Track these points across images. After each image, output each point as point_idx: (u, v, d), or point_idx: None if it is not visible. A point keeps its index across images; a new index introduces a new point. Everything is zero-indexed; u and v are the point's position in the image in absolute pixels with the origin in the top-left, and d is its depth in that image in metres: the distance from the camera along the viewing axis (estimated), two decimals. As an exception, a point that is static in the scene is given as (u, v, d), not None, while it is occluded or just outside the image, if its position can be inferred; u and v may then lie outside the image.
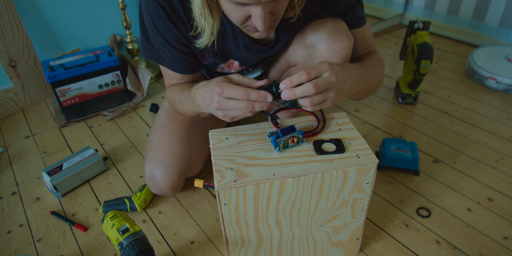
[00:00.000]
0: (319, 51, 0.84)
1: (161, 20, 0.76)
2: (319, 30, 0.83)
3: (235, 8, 0.63)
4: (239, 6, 0.63)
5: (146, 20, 0.79)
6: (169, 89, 0.92)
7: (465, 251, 0.87)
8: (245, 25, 0.69)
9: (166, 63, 0.86)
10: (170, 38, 0.80)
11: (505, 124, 1.30)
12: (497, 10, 1.75)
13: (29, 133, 1.34)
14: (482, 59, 1.56)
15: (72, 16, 1.52)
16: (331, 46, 0.82)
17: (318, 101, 0.65)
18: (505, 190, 1.03)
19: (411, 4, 2.07)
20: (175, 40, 0.80)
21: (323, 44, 0.82)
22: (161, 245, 0.92)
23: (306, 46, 0.86)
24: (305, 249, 0.78)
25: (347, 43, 0.83)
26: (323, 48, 0.83)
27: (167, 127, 0.97)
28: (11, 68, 1.38)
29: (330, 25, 0.83)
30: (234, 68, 0.93)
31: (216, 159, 0.67)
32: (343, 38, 0.82)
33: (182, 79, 0.91)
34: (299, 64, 0.92)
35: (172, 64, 0.86)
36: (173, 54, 0.83)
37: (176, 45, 0.81)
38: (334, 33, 0.82)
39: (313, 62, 0.87)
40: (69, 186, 1.07)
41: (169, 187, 0.94)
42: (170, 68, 0.87)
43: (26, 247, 0.93)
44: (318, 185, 0.65)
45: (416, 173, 1.08)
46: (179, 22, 0.77)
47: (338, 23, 0.84)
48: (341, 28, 0.83)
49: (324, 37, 0.82)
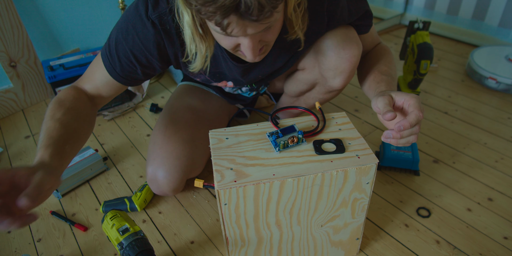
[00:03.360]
0: (328, 58, 0.84)
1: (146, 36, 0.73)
2: (330, 37, 0.83)
3: (224, 37, 0.63)
4: (228, 36, 0.61)
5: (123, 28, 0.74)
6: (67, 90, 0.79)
7: (465, 251, 0.87)
8: (236, 50, 0.68)
9: (108, 64, 0.78)
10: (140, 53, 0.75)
11: (505, 124, 1.30)
12: (497, 10, 1.75)
13: (29, 133, 1.34)
14: (482, 59, 1.56)
15: (72, 16, 1.52)
16: (341, 53, 0.83)
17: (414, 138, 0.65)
18: (505, 190, 1.03)
19: (411, 4, 2.07)
20: (145, 57, 0.76)
21: (333, 51, 0.83)
22: (161, 245, 0.92)
23: (315, 52, 0.87)
24: (305, 249, 0.78)
25: (357, 51, 0.83)
26: (332, 55, 0.83)
27: (171, 128, 0.96)
28: (11, 68, 1.38)
29: (341, 33, 0.83)
30: (228, 86, 0.94)
31: (216, 159, 0.67)
32: (353, 46, 0.83)
33: (99, 87, 0.81)
34: (307, 69, 0.93)
35: (115, 69, 0.78)
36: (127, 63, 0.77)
37: (142, 60, 0.77)
38: (344, 41, 0.82)
39: (321, 68, 0.88)
40: (69, 186, 1.07)
41: (171, 188, 0.94)
42: (108, 69, 0.78)
43: (26, 247, 0.93)
44: (318, 185, 0.65)
45: (416, 173, 1.08)
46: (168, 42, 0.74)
47: (349, 31, 0.84)
48: (351, 36, 0.84)
49: (334, 44, 0.83)
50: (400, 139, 0.64)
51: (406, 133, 0.63)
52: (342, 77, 0.87)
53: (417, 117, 0.62)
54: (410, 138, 0.64)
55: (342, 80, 0.88)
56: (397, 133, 0.63)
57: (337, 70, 0.85)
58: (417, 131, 0.63)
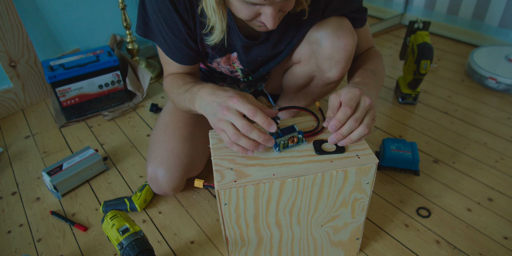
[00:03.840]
0: (324, 47, 0.84)
1: (165, 7, 0.75)
2: (324, 26, 0.83)
3: (246, 6, 0.63)
4: (250, 5, 0.63)
5: (149, 5, 0.78)
6: (168, 77, 0.90)
7: (465, 251, 0.87)
8: (252, 21, 0.69)
9: (165, 49, 0.85)
10: (173, 26, 0.79)
11: (505, 124, 1.30)
12: (497, 10, 1.75)
13: (29, 133, 1.34)
14: (482, 59, 1.56)
15: (72, 16, 1.52)
16: (335, 42, 0.82)
17: (368, 125, 0.66)
18: (505, 190, 1.03)
19: (411, 4, 2.07)
20: (178, 29, 0.79)
21: (328, 40, 0.82)
22: (161, 245, 0.92)
23: (310, 43, 0.86)
24: (305, 249, 0.78)
25: (352, 40, 0.83)
26: (327, 44, 0.83)
27: (171, 126, 0.96)
28: (11, 68, 1.38)
29: (334, 22, 0.83)
30: (230, 62, 0.93)
31: (216, 159, 0.67)
32: (347, 35, 0.82)
33: (180, 69, 0.89)
34: (303, 61, 0.92)
35: (171, 52, 0.84)
36: (173, 42, 0.82)
37: (178, 34, 0.80)
38: (338, 30, 0.82)
39: (317, 59, 0.87)
40: (69, 186, 1.07)
41: (171, 187, 0.94)
42: (169, 55, 0.85)
43: (26, 247, 0.93)
44: (318, 185, 0.65)
45: (416, 173, 1.08)
46: (183, 12, 0.76)
47: (343, 21, 0.84)
48: (346, 25, 0.83)
49: (329, 33, 0.82)
50: (345, 138, 0.66)
51: (345, 131, 0.65)
52: (338, 67, 0.86)
53: (343, 113, 0.64)
54: (355, 133, 0.65)
55: (338, 71, 0.87)
56: (336, 134, 0.65)
57: (332, 60, 0.85)
58: (356, 125, 0.64)
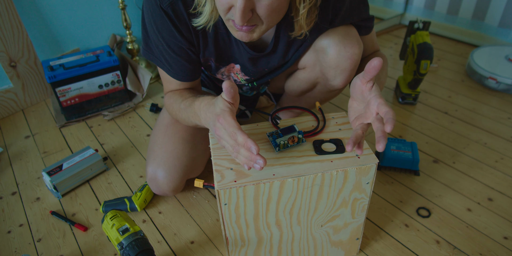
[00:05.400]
0: (330, 56, 0.84)
1: (165, 26, 0.76)
2: (330, 35, 0.83)
3: None
4: None
5: (149, 25, 0.79)
6: (168, 95, 0.91)
7: (465, 251, 0.87)
8: (227, 18, 0.67)
9: (166, 69, 0.86)
10: (174, 44, 0.79)
11: (505, 124, 1.30)
12: (497, 10, 1.75)
13: (29, 133, 1.34)
14: (482, 59, 1.56)
15: (72, 16, 1.52)
16: (342, 51, 0.83)
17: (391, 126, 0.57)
18: (505, 190, 1.03)
19: (411, 4, 2.07)
20: (178, 46, 0.80)
21: (334, 49, 0.83)
22: (161, 245, 0.92)
23: (316, 50, 0.87)
24: (305, 249, 0.78)
25: (358, 50, 0.83)
26: (333, 53, 0.83)
27: (171, 128, 0.96)
28: (11, 68, 1.38)
29: (341, 31, 0.83)
30: (234, 72, 0.93)
31: (216, 159, 0.67)
32: (354, 44, 0.83)
33: (181, 86, 0.90)
34: (308, 68, 0.93)
35: (172, 71, 0.85)
36: (174, 61, 0.83)
37: (178, 52, 0.81)
38: (345, 39, 0.82)
39: (322, 66, 0.88)
40: (69, 186, 1.07)
41: (171, 188, 0.94)
42: (170, 74, 0.86)
43: (26, 247, 0.93)
44: (318, 185, 0.65)
45: (416, 173, 1.08)
46: (184, 28, 0.77)
47: (350, 29, 0.84)
48: (353, 35, 0.84)
49: (335, 42, 0.82)
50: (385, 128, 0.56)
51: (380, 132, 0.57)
52: (343, 76, 0.87)
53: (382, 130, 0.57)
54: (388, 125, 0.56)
55: (343, 80, 0.88)
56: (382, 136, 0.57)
57: (338, 68, 0.85)
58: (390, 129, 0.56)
